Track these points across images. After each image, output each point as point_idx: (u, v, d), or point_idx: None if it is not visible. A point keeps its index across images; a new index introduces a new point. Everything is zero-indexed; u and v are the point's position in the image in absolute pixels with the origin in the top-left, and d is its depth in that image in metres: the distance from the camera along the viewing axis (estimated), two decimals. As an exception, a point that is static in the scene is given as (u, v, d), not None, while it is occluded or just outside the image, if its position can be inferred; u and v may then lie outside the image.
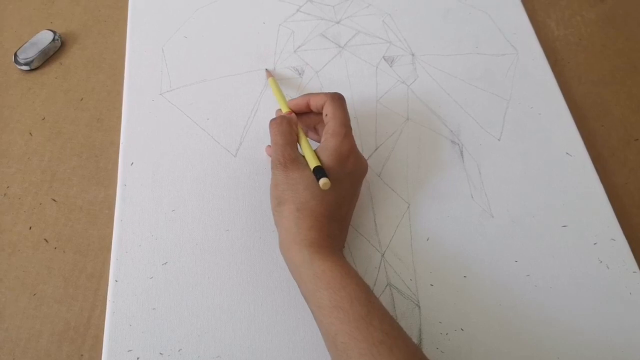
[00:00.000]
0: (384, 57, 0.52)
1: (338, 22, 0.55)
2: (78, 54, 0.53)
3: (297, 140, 0.40)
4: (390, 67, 0.52)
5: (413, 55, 0.53)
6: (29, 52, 0.51)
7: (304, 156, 0.39)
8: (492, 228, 0.43)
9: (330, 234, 0.37)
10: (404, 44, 0.53)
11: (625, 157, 0.49)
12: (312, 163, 0.37)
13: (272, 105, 0.48)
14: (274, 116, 0.43)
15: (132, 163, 0.45)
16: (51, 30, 0.53)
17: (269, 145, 0.44)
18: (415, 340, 0.38)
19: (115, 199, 0.43)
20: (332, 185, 0.36)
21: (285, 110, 0.43)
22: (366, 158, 0.46)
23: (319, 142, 0.41)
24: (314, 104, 0.42)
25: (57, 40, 0.53)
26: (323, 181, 0.36)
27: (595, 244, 0.43)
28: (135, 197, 0.43)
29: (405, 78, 0.51)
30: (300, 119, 0.43)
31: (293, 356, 0.37)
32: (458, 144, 0.47)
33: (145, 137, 0.46)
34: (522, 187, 0.45)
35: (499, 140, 0.48)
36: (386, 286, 0.40)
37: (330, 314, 0.32)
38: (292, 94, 0.49)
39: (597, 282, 0.41)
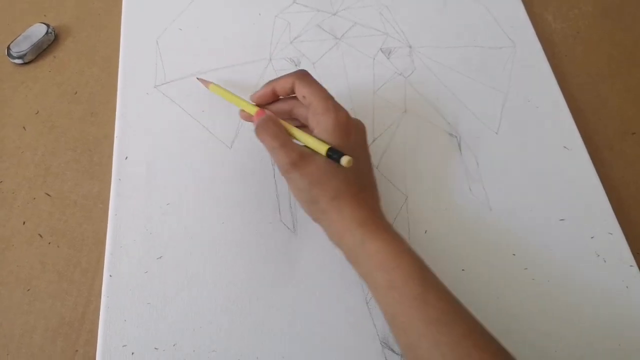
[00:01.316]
0: (381, 48, 0.52)
1: (335, 14, 0.54)
2: (72, 47, 0.53)
3: (289, 134, 0.38)
4: (388, 59, 0.51)
5: (410, 47, 0.52)
6: (22, 46, 0.51)
7: (304, 146, 0.37)
8: (490, 221, 0.43)
9: (370, 205, 0.36)
10: (401, 35, 0.53)
11: (622, 150, 0.49)
12: (322, 148, 0.36)
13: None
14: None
15: (126, 157, 0.45)
16: (44, 24, 0.52)
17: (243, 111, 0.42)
18: (412, 333, 0.38)
19: (109, 193, 0.43)
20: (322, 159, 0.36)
21: (251, 109, 0.41)
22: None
23: (298, 126, 0.40)
24: (281, 89, 0.40)
25: (51, 33, 0.52)
26: (345, 159, 0.34)
27: (592, 237, 0.42)
28: (129, 191, 0.43)
29: (403, 70, 0.51)
30: (271, 111, 0.41)
31: (289, 351, 0.37)
32: (456, 137, 0.47)
33: (139, 131, 0.46)
34: (520, 180, 0.45)
35: (496, 133, 0.47)
36: (383, 280, 0.40)
37: (386, 294, 0.32)
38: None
39: (594, 275, 0.41)
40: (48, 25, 0.52)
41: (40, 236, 0.42)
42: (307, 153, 0.36)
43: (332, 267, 0.40)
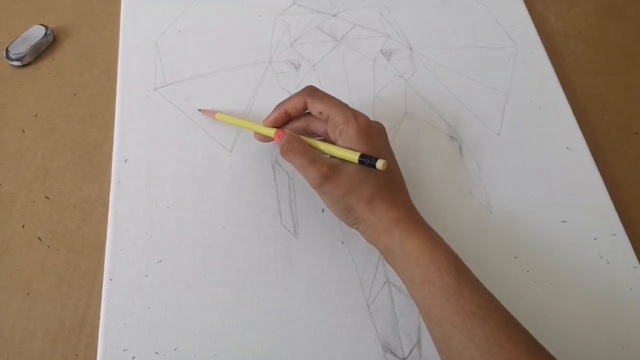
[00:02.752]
0: (381, 50, 0.51)
1: (335, 15, 0.54)
2: (71, 49, 0.52)
3: (315, 149, 0.39)
4: (388, 60, 0.51)
5: (411, 48, 0.52)
6: (20, 48, 0.50)
7: (331, 158, 0.38)
8: (492, 224, 0.43)
9: (403, 204, 0.37)
10: (401, 37, 0.53)
11: (625, 150, 0.48)
12: (353, 156, 0.36)
13: (269, 99, 0.48)
14: (256, 133, 0.43)
15: (126, 160, 0.44)
16: (43, 25, 0.52)
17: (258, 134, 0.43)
18: (414, 338, 0.38)
19: (109, 196, 0.43)
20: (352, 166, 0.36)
21: (268, 132, 0.41)
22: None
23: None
24: (293, 109, 0.40)
25: (49, 35, 0.52)
26: (381, 163, 0.35)
27: (595, 239, 0.42)
28: (129, 194, 0.43)
29: (403, 72, 0.50)
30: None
31: (290, 354, 0.37)
32: (457, 139, 0.47)
33: (139, 133, 0.46)
34: (522, 182, 0.45)
35: (498, 134, 0.47)
36: (385, 283, 0.40)
37: (421, 288, 0.33)
38: (290, 89, 0.49)
39: (597, 277, 0.41)
40: (47, 27, 0.52)
41: (40, 239, 0.42)
42: (336, 164, 0.37)
43: (333, 271, 0.40)
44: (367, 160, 0.36)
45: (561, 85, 0.50)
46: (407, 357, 0.37)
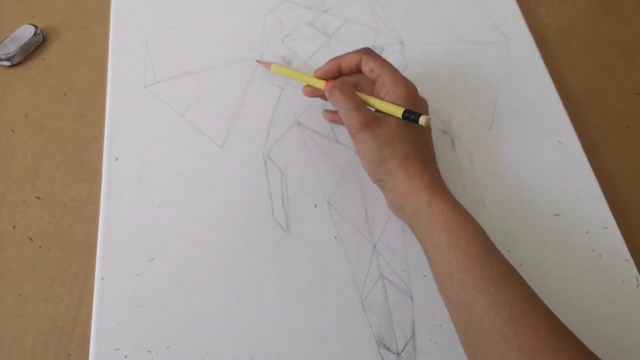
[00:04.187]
0: (373, 45, 0.51)
1: (326, 11, 0.54)
2: (60, 49, 0.52)
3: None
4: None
5: (402, 44, 0.52)
6: (9, 48, 0.50)
7: (376, 111, 0.39)
8: (485, 218, 0.42)
9: (434, 172, 0.38)
10: (393, 32, 0.53)
11: (616, 144, 0.48)
12: (398, 110, 0.37)
13: (260, 95, 0.48)
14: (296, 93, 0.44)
15: (116, 158, 0.44)
16: (32, 25, 0.52)
17: (328, 110, 0.45)
18: (408, 332, 0.38)
19: (100, 195, 0.42)
20: (393, 123, 0.38)
21: (319, 84, 0.42)
22: (356, 149, 0.46)
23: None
24: (347, 65, 0.41)
25: (39, 34, 0.51)
26: (424, 119, 0.36)
27: (587, 232, 0.42)
28: (120, 193, 0.42)
29: (395, 67, 0.50)
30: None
31: (284, 351, 0.37)
32: (449, 134, 0.47)
33: (130, 132, 0.45)
34: (514, 176, 0.45)
35: (490, 129, 0.47)
36: (378, 278, 0.40)
37: (447, 252, 0.33)
38: (282, 85, 0.48)
39: (590, 270, 0.41)
40: (36, 27, 0.51)
41: (31, 240, 0.42)
42: (379, 116, 0.38)
43: (326, 266, 0.40)
44: (411, 115, 0.37)
45: (552, 80, 0.50)
46: (402, 352, 0.37)
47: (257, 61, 0.49)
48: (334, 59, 0.42)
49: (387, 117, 0.38)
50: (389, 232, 0.42)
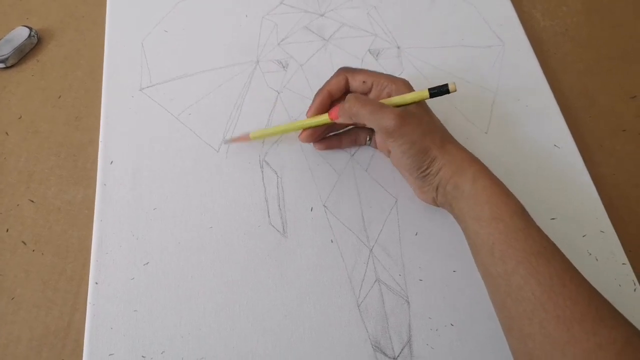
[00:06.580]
0: (369, 50, 0.51)
1: (322, 15, 0.54)
2: (55, 51, 0.52)
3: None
4: (376, 60, 0.51)
5: (399, 48, 0.52)
6: (4, 49, 0.50)
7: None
8: (481, 221, 0.42)
9: (463, 147, 0.39)
10: (389, 36, 0.53)
11: (613, 147, 0.49)
12: (423, 93, 0.38)
13: (257, 98, 0.48)
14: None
15: (111, 162, 0.44)
16: (27, 27, 0.51)
17: (319, 142, 0.44)
18: (405, 337, 0.37)
19: (94, 199, 0.42)
20: (424, 108, 0.40)
21: (321, 119, 0.40)
22: (353, 153, 0.45)
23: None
24: (336, 89, 0.41)
25: (34, 36, 0.51)
26: (451, 84, 0.37)
27: (584, 236, 0.42)
28: (115, 197, 0.42)
29: (392, 71, 0.50)
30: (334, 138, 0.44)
31: (280, 355, 0.37)
32: (445, 137, 0.47)
33: (125, 135, 0.45)
34: (510, 180, 0.44)
35: (486, 133, 0.47)
36: (375, 282, 0.39)
37: (489, 225, 0.34)
38: (278, 88, 0.48)
39: (587, 274, 0.40)
40: (31, 29, 0.51)
41: (24, 244, 0.42)
42: (404, 110, 0.38)
43: (322, 270, 0.40)
44: (439, 90, 0.37)
45: (548, 83, 0.50)
46: (398, 356, 0.37)
47: (225, 142, 0.45)
48: (320, 90, 0.41)
49: (409, 107, 0.38)
50: (385, 235, 0.41)
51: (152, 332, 0.37)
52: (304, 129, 0.42)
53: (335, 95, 0.41)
